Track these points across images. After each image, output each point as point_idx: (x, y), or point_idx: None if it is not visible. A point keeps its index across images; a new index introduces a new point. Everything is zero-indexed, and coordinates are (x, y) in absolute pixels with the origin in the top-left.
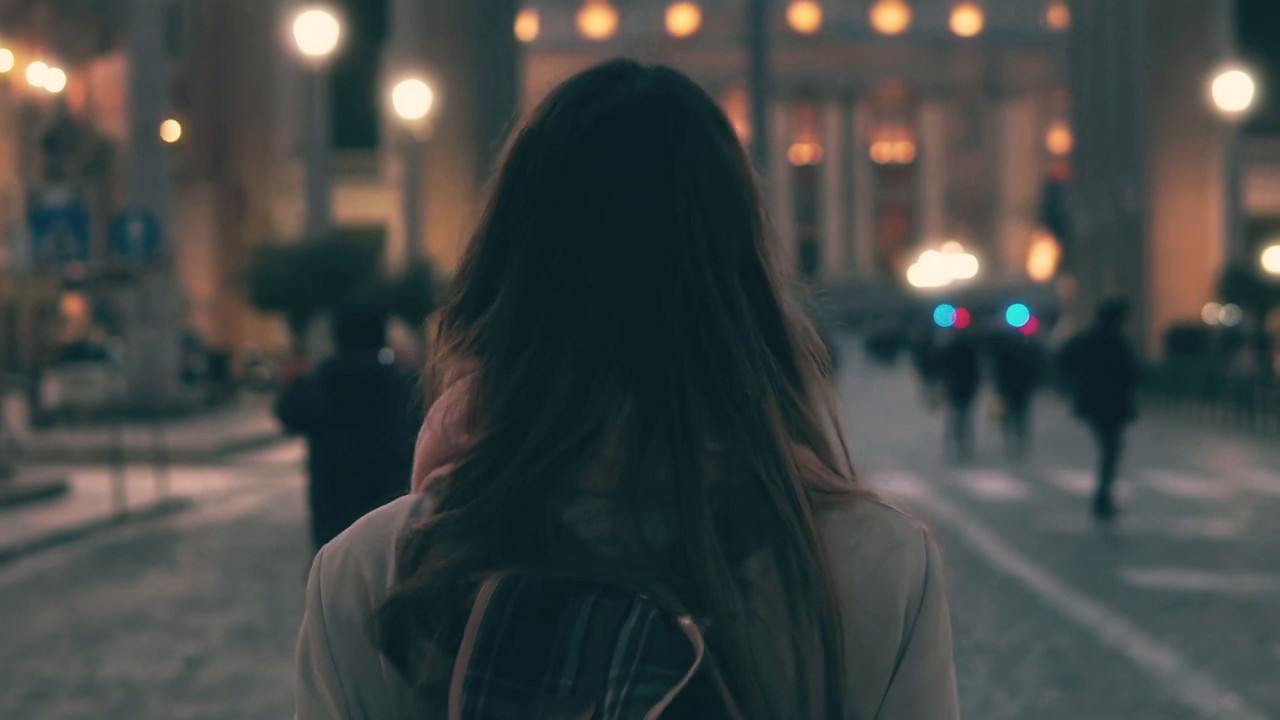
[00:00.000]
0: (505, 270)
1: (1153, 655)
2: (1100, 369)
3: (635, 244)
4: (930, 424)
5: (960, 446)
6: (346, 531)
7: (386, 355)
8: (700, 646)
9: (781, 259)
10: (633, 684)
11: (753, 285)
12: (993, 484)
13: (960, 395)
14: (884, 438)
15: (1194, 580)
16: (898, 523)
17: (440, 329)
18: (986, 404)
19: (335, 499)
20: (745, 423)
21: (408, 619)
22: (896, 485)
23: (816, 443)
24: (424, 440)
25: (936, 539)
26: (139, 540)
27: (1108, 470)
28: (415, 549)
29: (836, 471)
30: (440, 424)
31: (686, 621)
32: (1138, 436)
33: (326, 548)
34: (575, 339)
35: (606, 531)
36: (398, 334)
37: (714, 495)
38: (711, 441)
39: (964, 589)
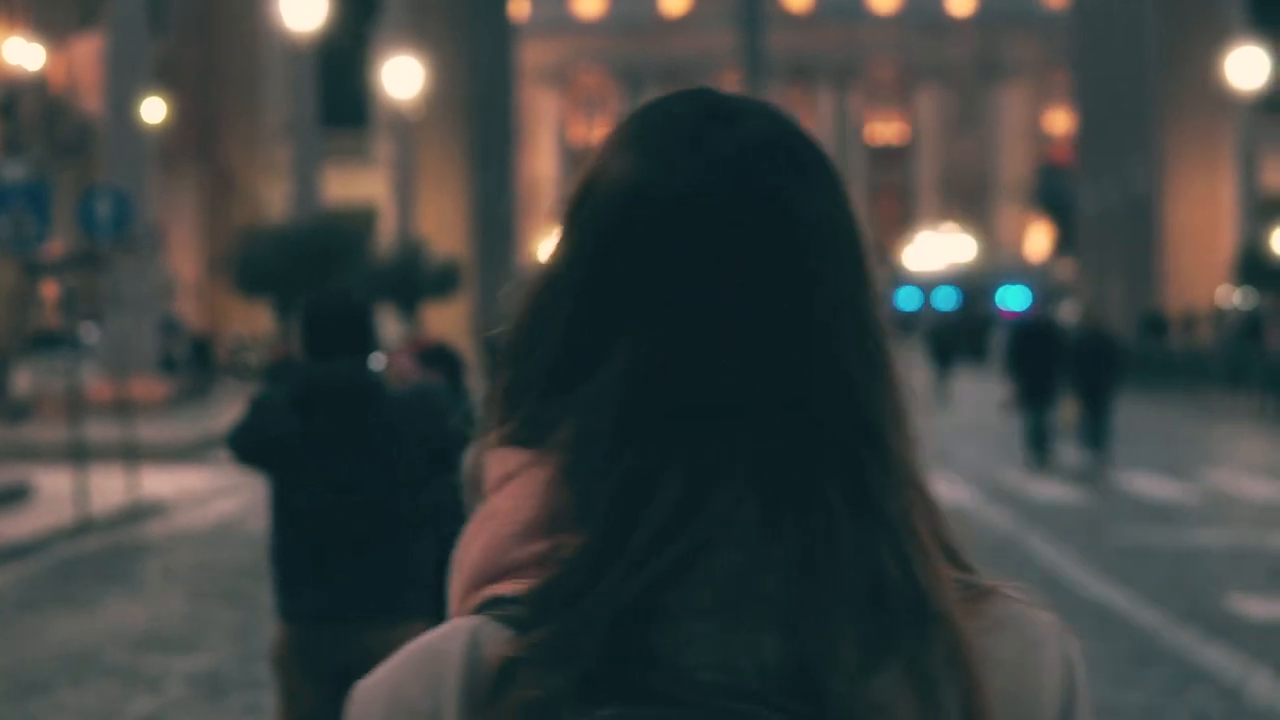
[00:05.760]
0: (605, 349)
1: None
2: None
3: (778, 317)
4: (949, 415)
5: (1039, 456)
6: (386, 667)
7: (376, 363)
8: None
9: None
10: None
11: (887, 355)
12: (1048, 488)
13: (1036, 395)
14: None
15: None
16: (1034, 620)
17: (492, 410)
18: (1062, 409)
19: (309, 555)
20: (893, 517)
21: None
22: (937, 488)
23: (943, 534)
24: (475, 546)
25: (1073, 634)
26: (101, 554)
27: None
28: (496, 678)
29: (959, 563)
30: (498, 530)
31: None
32: (1167, 427)
33: (363, 686)
34: (697, 434)
35: (714, 657)
36: (391, 330)
37: (849, 602)
38: (849, 540)
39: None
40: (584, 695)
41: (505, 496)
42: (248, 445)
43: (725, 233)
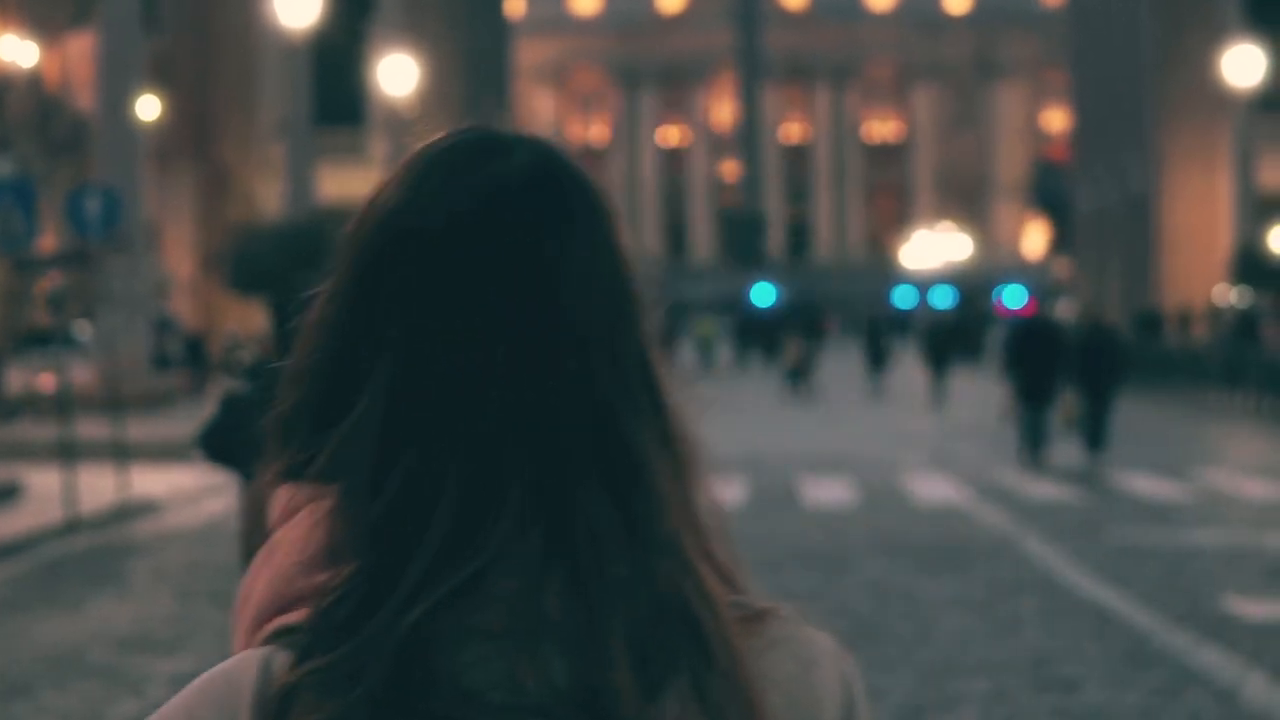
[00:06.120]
0: (368, 376)
1: None
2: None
3: (529, 347)
4: (947, 416)
5: (1035, 456)
6: (179, 698)
7: None
8: None
9: (659, 347)
10: None
11: (649, 385)
12: (1043, 487)
13: (1035, 395)
14: (904, 431)
15: None
16: (810, 640)
17: (270, 445)
18: (1062, 406)
19: None
20: (660, 541)
21: None
22: (933, 487)
23: (717, 556)
24: (261, 579)
25: (848, 653)
26: (90, 553)
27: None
28: (276, 709)
29: (733, 585)
30: (283, 563)
31: None
32: (1163, 426)
33: (157, 717)
34: (463, 458)
35: (499, 676)
36: None
37: (626, 626)
38: (621, 565)
39: (1051, 623)
40: (371, 717)
41: (290, 529)
42: (217, 444)
43: (478, 264)
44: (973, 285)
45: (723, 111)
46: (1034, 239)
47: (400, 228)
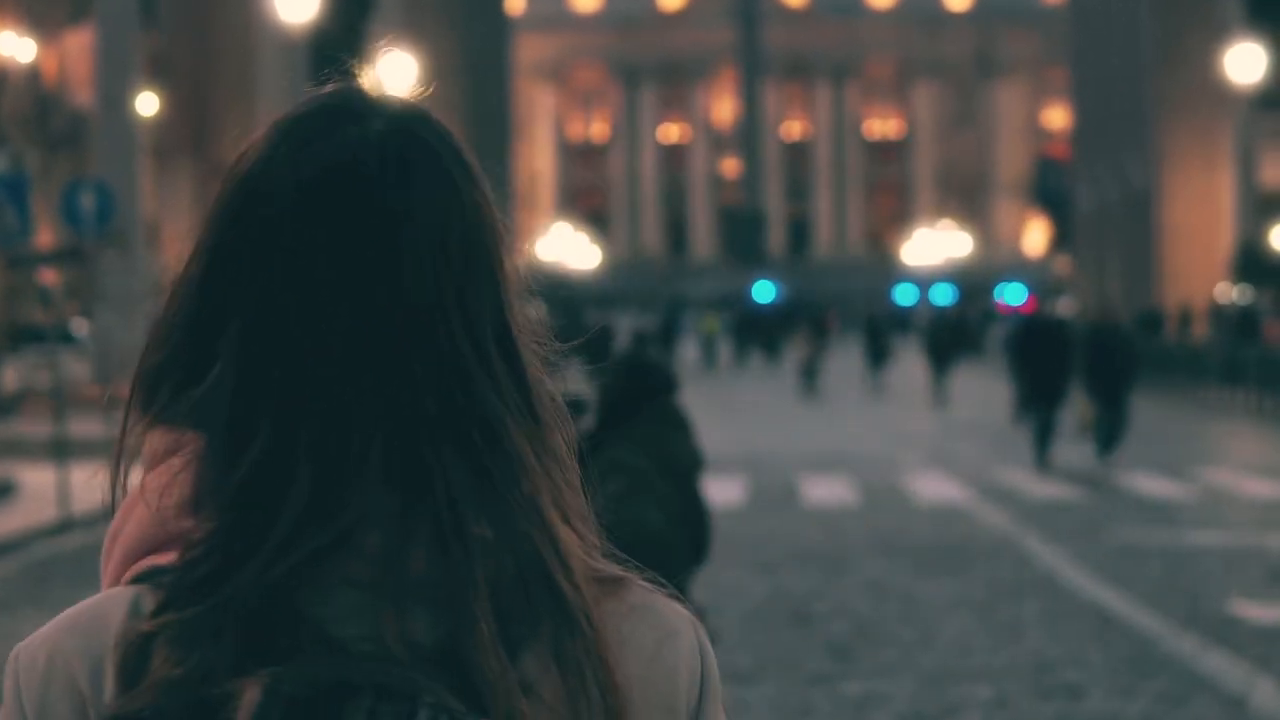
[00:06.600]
0: (223, 335)
1: None
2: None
3: (378, 313)
4: (946, 415)
5: (1042, 456)
6: (45, 630)
7: None
8: None
9: (527, 314)
10: None
11: (507, 350)
12: (1045, 487)
13: (1043, 394)
14: (904, 430)
15: None
16: (669, 610)
17: (133, 393)
18: (1076, 410)
19: None
20: (517, 502)
21: None
22: (934, 486)
23: (578, 522)
24: (132, 520)
25: (703, 625)
26: (81, 553)
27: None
28: (136, 656)
29: (594, 549)
30: (157, 503)
31: None
32: (1164, 425)
33: (22, 648)
34: (319, 420)
35: (367, 629)
36: None
37: (488, 585)
38: (481, 525)
39: (1055, 626)
40: (236, 668)
41: (159, 474)
42: None
43: (321, 229)
44: (973, 283)
45: (723, 108)
46: (1034, 237)
47: (251, 191)
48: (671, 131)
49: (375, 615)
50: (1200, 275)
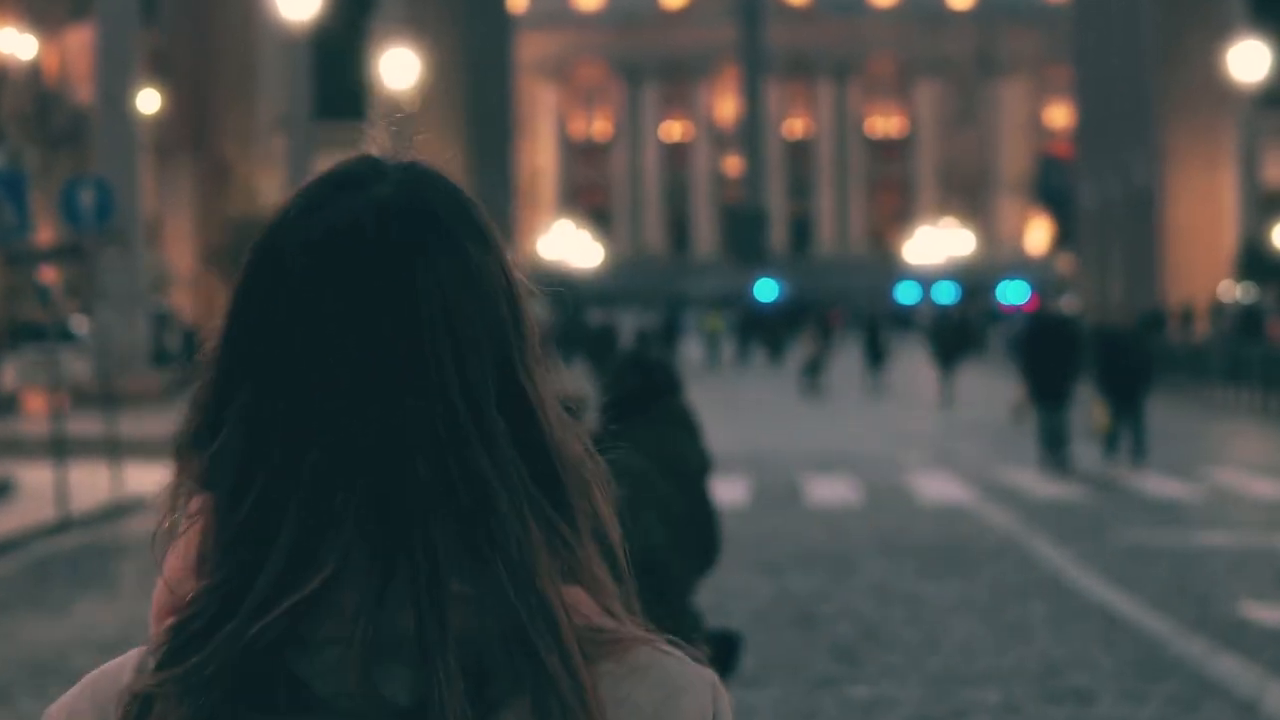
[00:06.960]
0: (234, 401)
1: None
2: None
3: (373, 377)
4: (950, 415)
5: (1057, 459)
6: (75, 688)
7: None
8: None
9: (548, 375)
10: None
11: (514, 411)
12: (1050, 487)
13: (1050, 395)
14: (907, 430)
15: None
16: (678, 669)
17: (176, 460)
18: (1091, 414)
19: None
20: (504, 563)
21: None
22: (938, 486)
23: (589, 581)
24: (161, 582)
25: (723, 689)
26: (80, 552)
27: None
28: (138, 713)
29: (612, 613)
30: (175, 565)
31: None
32: (1168, 424)
33: (54, 708)
34: (304, 479)
35: (347, 686)
36: None
37: (465, 645)
38: (463, 584)
39: (1063, 629)
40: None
41: (191, 533)
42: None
43: (323, 296)
44: (975, 281)
45: (725, 106)
46: (1037, 235)
47: (264, 257)
48: (673, 129)
49: (360, 674)
50: (1203, 274)
